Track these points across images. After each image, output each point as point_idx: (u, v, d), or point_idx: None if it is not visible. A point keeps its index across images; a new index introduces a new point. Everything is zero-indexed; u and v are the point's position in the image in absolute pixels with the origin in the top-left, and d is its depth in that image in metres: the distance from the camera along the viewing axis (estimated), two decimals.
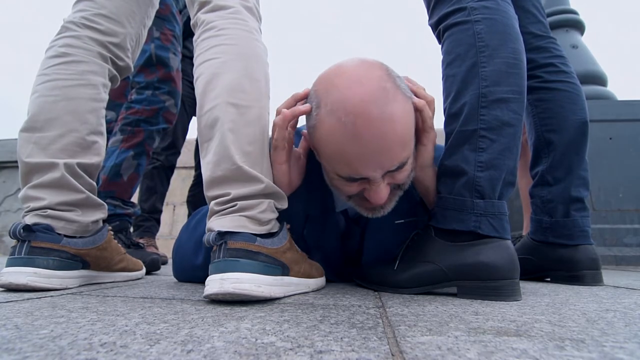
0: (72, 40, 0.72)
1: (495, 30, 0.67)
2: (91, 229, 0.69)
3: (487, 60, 0.65)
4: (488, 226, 0.60)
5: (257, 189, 0.54)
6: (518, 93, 0.65)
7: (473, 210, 0.60)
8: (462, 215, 0.61)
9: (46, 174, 0.64)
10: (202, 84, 0.60)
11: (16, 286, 0.57)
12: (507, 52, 0.66)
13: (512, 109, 0.64)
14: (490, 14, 0.67)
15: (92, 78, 0.72)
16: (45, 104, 0.67)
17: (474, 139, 0.63)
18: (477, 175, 0.61)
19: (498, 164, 0.62)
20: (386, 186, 0.59)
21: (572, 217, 0.86)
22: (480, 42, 0.66)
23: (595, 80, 2.02)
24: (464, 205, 0.61)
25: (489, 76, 0.64)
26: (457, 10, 0.70)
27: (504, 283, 0.57)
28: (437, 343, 0.30)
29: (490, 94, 0.63)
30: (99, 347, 0.28)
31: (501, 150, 0.62)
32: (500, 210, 0.61)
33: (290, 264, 0.56)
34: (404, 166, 0.59)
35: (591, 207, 1.71)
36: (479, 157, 0.62)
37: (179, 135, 1.72)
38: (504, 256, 0.58)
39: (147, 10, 0.83)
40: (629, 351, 0.29)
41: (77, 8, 0.76)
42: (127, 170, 1.10)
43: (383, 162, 0.56)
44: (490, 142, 0.62)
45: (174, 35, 1.28)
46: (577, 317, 0.43)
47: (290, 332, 0.34)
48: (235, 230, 0.51)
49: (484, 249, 0.58)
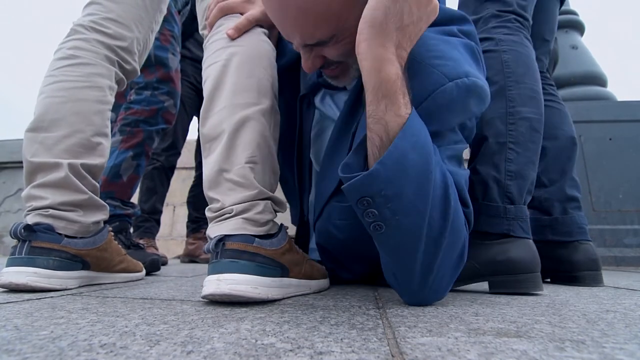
0: (80, 42, 0.72)
1: (520, 60, 0.78)
2: (92, 229, 0.69)
3: (513, 85, 0.75)
4: (519, 229, 0.68)
5: (251, 194, 0.54)
6: (539, 114, 0.76)
7: (505, 215, 0.69)
8: (495, 219, 0.69)
9: (50, 173, 0.65)
10: (208, 87, 0.60)
11: (16, 286, 0.57)
12: (530, 80, 0.77)
13: (534, 127, 0.74)
14: (516, 47, 0.79)
15: (98, 80, 0.72)
16: (51, 105, 0.68)
17: (504, 151, 0.71)
18: (508, 183, 0.70)
19: (524, 174, 0.71)
20: (316, 58, 0.58)
21: (569, 214, 0.89)
22: (507, 69, 0.77)
23: (595, 81, 2.02)
24: (497, 211, 0.69)
25: (516, 98, 0.75)
26: (487, 39, 0.80)
27: (530, 276, 0.65)
28: (437, 344, 0.30)
29: (517, 114, 0.74)
30: (98, 348, 0.28)
31: (526, 163, 0.72)
32: (526, 214, 0.70)
33: (290, 265, 0.56)
34: (327, 44, 0.55)
35: (591, 207, 1.71)
36: (509, 167, 0.71)
37: (179, 136, 1.72)
38: (530, 253, 0.67)
39: (155, 15, 0.84)
40: (629, 352, 0.29)
41: (87, 12, 0.77)
42: (127, 171, 1.10)
43: (294, 34, 0.55)
44: (516, 155, 0.71)
45: (173, 36, 1.28)
46: (577, 318, 0.43)
47: (291, 333, 0.34)
48: (232, 233, 0.51)
49: (512, 247, 0.67)
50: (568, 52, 2.05)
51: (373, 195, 0.43)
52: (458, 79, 0.50)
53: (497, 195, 0.70)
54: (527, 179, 0.72)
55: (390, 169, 0.43)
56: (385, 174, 0.43)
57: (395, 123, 0.44)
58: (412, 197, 0.44)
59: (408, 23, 0.46)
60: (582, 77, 2.00)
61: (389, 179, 0.43)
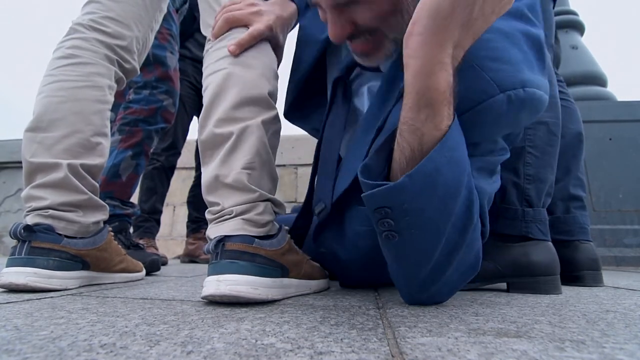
0: (79, 42, 0.72)
1: None
2: (92, 229, 0.69)
3: None
4: (537, 231, 0.69)
5: (251, 197, 0.54)
6: (556, 118, 0.76)
7: (524, 217, 0.70)
8: (513, 222, 0.70)
9: (49, 174, 0.65)
10: (208, 95, 0.59)
11: (16, 286, 0.57)
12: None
13: (552, 131, 0.74)
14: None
15: (98, 80, 0.72)
16: (50, 105, 0.67)
17: (522, 155, 0.72)
18: (526, 187, 0.71)
19: (543, 177, 0.72)
20: (345, 24, 0.52)
21: (572, 214, 0.89)
22: None
23: (595, 81, 2.01)
24: (515, 214, 0.70)
25: None
26: None
27: (550, 279, 0.67)
28: (437, 344, 0.30)
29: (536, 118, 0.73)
30: (98, 349, 0.28)
31: (544, 166, 0.73)
32: (545, 217, 0.71)
33: (290, 266, 0.56)
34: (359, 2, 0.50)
35: (591, 207, 1.71)
36: (527, 171, 0.72)
37: (179, 136, 1.72)
38: (550, 256, 0.69)
39: (155, 14, 0.84)
40: (629, 352, 0.29)
41: (86, 10, 0.76)
42: (126, 171, 1.10)
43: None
44: (535, 159, 0.72)
45: (171, 34, 1.27)
46: (577, 318, 0.43)
47: (291, 333, 0.34)
48: (232, 233, 0.51)
49: (534, 250, 0.68)
50: (568, 52, 2.04)
51: (393, 207, 0.40)
52: (512, 90, 0.43)
53: (516, 198, 0.71)
54: (546, 182, 0.73)
55: (418, 184, 0.38)
56: (412, 188, 0.38)
57: (432, 136, 0.39)
58: (433, 214, 0.40)
59: (477, 17, 0.37)
60: (582, 77, 1.99)
61: (414, 194, 0.39)
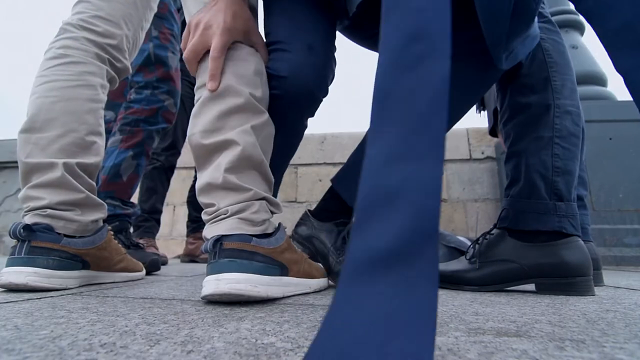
0: (69, 41, 0.72)
1: (558, 50, 0.75)
2: (91, 228, 0.69)
3: (556, 75, 0.72)
4: (570, 226, 0.66)
5: (245, 196, 0.54)
6: (578, 108, 0.72)
7: (556, 212, 0.66)
8: (545, 217, 0.66)
9: (46, 173, 0.65)
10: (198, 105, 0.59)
11: (16, 286, 0.57)
12: (570, 72, 0.74)
13: (575, 121, 0.71)
14: (553, 35, 0.76)
15: (90, 79, 0.72)
16: (44, 105, 0.67)
17: (550, 146, 0.69)
18: (555, 179, 0.68)
19: (570, 169, 0.69)
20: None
21: None
22: (549, 58, 0.73)
23: (595, 81, 2.01)
24: (546, 208, 0.67)
25: (560, 90, 0.71)
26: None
27: (583, 279, 0.63)
28: (437, 343, 0.30)
29: (563, 106, 0.70)
30: (99, 348, 0.28)
31: (571, 157, 0.69)
32: (576, 211, 0.68)
33: (289, 264, 0.56)
34: None
35: (591, 207, 1.71)
36: (555, 163, 0.68)
37: (179, 136, 1.72)
38: (583, 255, 0.64)
39: (145, 13, 0.84)
40: (629, 352, 0.29)
41: (75, 10, 0.76)
42: (127, 171, 1.10)
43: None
44: (562, 150, 0.69)
45: (173, 34, 1.27)
46: (577, 317, 0.43)
47: (291, 332, 0.34)
48: (229, 233, 0.51)
49: (565, 249, 0.64)
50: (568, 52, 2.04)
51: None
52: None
53: (545, 192, 0.68)
54: (574, 175, 0.69)
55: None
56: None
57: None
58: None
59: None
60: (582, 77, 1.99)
61: None
